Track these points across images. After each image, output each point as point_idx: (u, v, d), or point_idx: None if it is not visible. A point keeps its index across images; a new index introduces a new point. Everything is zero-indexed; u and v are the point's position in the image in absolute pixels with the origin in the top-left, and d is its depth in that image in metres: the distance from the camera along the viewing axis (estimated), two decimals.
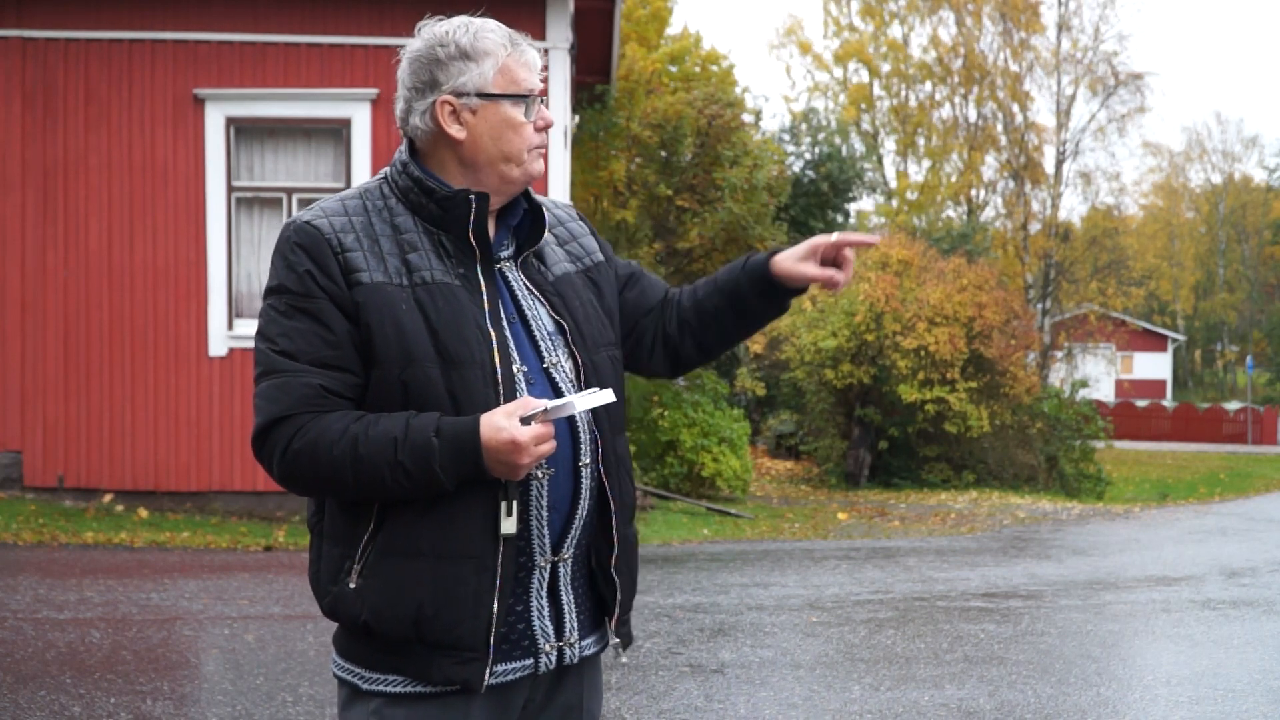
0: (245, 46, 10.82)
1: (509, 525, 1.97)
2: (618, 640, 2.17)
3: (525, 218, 2.15)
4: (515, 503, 1.97)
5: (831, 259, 2.19)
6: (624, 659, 2.20)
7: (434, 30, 2.07)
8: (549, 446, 1.93)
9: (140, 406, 10.69)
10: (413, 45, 2.09)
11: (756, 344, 20.55)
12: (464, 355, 1.96)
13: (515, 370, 2.01)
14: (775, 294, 2.23)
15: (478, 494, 1.95)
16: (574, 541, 2.07)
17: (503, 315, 2.04)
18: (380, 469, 1.90)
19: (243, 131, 10.94)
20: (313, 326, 1.96)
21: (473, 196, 2.03)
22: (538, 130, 2.09)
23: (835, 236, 2.17)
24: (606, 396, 1.98)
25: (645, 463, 15.71)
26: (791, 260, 2.18)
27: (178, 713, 5.15)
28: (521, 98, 2.06)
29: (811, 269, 2.17)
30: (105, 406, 10.68)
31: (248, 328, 10.77)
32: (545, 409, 1.93)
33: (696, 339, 2.31)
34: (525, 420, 1.91)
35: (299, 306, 1.97)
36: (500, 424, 1.89)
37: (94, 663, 5.84)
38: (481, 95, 2.04)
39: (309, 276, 1.97)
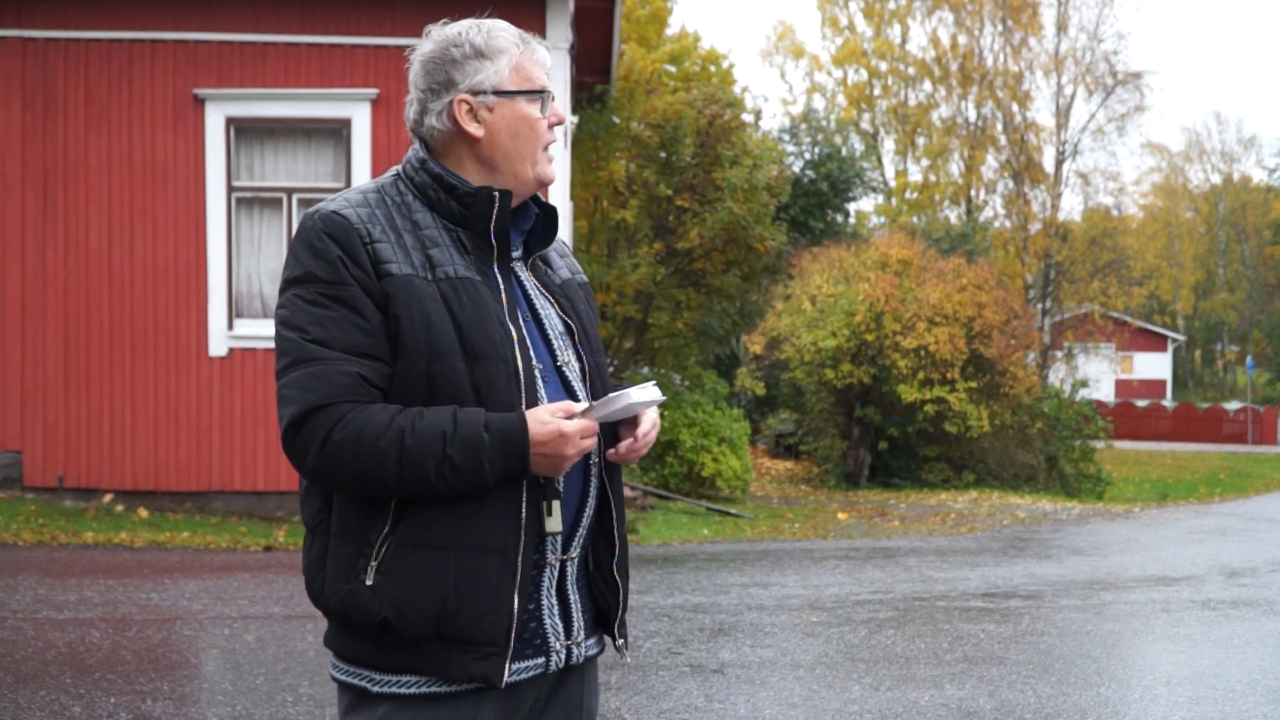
0: (245, 46, 10.83)
1: (553, 524, 1.99)
2: (622, 641, 2.19)
3: (537, 221, 2.16)
4: (556, 501, 1.99)
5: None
6: (628, 659, 2.22)
7: (445, 32, 2.08)
8: (592, 442, 1.97)
9: (140, 406, 10.69)
10: (424, 48, 2.09)
11: (756, 344, 20.54)
12: (488, 350, 1.96)
13: (534, 367, 2.03)
14: None
15: (502, 487, 1.95)
16: (581, 541, 2.09)
17: (519, 313, 2.06)
18: (426, 463, 1.88)
19: (243, 131, 10.94)
20: (347, 314, 1.93)
21: (496, 193, 2.04)
22: (550, 127, 2.11)
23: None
24: (656, 393, 2.02)
25: (645, 463, 15.71)
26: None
27: (178, 713, 5.15)
28: (536, 94, 2.08)
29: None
30: (105, 406, 10.68)
31: (248, 328, 10.78)
32: (591, 406, 1.97)
33: None
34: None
35: (331, 295, 1.94)
36: (545, 418, 1.92)
37: (94, 663, 5.84)
38: (498, 92, 2.05)
39: (340, 264, 1.94)
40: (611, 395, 1.99)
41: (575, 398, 2.08)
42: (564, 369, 2.09)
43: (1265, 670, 6.40)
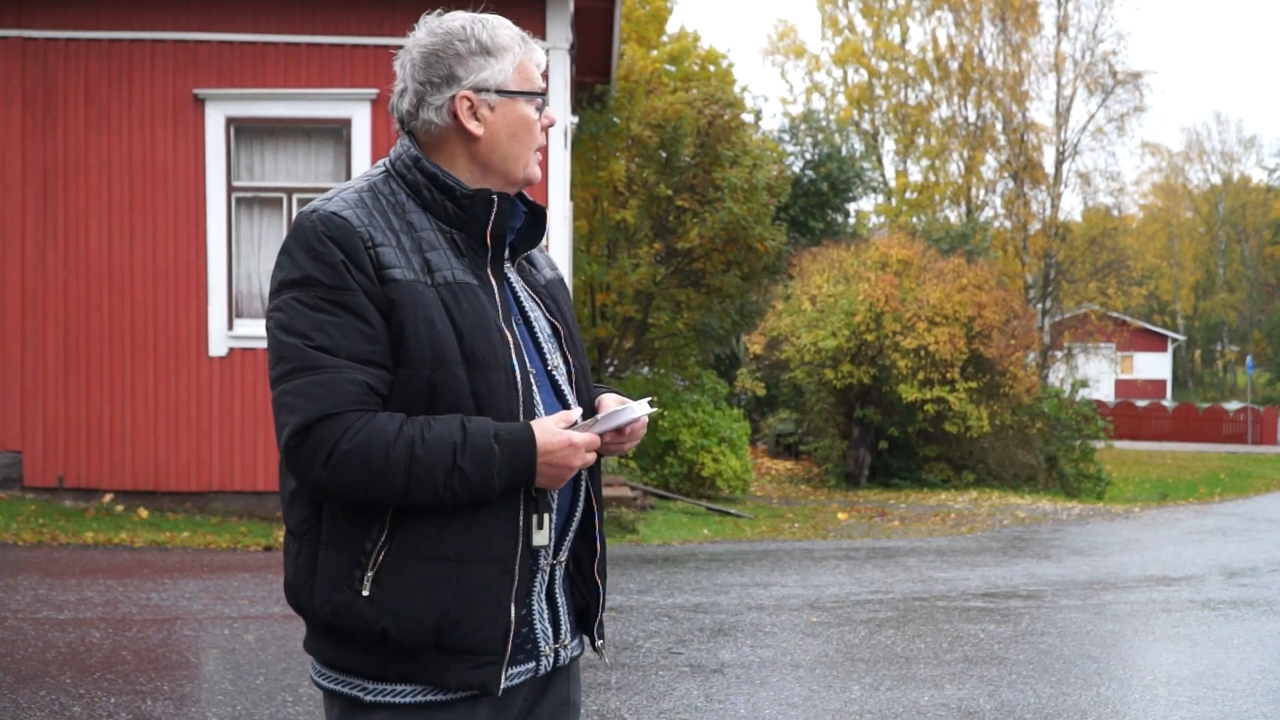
0: (245, 46, 10.82)
1: (541, 537, 1.98)
2: (602, 640, 2.20)
3: (525, 220, 2.13)
4: (546, 515, 1.99)
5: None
6: (606, 659, 2.24)
7: (448, 24, 2.03)
8: (594, 456, 1.98)
9: (140, 406, 10.69)
10: (422, 39, 2.03)
11: (756, 344, 20.55)
12: (489, 358, 1.94)
13: (529, 373, 2.01)
14: None
15: (501, 496, 1.94)
16: (568, 545, 2.09)
17: (513, 318, 2.04)
18: (434, 473, 1.85)
19: (243, 131, 10.94)
20: (351, 321, 1.88)
21: (495, 196, 2.01)
22: (542, 129, 2.09)
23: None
24: (649, 407, 2.05)
25: (645, 463, 15.71)
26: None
27: (178, 713, 5.15)
28: (536, 95, 2.06)
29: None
30: (105, 406, 10.68)
31: (248, 328, 10.78)
32: (596, 420, 2.00)
33: None
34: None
35: (333, 300, 1.88)
36: (553, 429, 1.92)
37: (94, 663, 5.84)
38: (501, 92, 2.02)
39: (344, 268, 1.88)
40: (617, 410, 2.01)
41: (565, 402, 2.07)
42: (554, 373, 2.07)
43: (1265, 670, 6.41)
